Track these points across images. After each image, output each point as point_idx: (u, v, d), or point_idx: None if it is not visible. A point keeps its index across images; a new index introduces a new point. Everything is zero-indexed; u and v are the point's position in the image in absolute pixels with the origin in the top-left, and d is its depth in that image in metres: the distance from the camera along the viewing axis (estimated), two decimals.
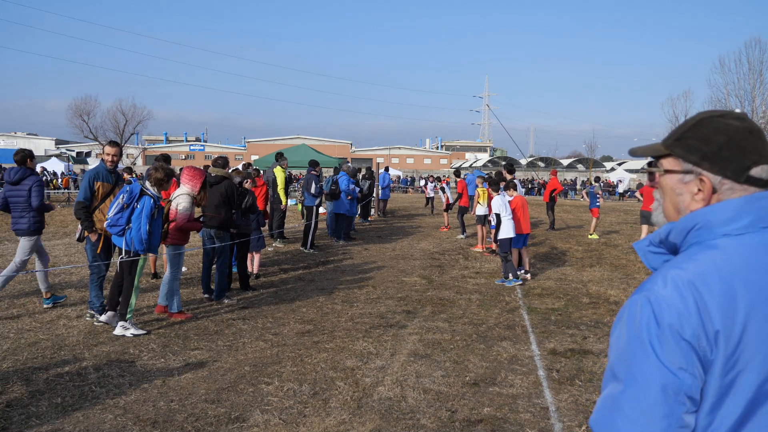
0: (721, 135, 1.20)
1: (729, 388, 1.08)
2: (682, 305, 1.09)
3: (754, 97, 32.48)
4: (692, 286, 1.10)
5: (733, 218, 1.15)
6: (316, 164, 12.63)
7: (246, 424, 4.05)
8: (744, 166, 1.17)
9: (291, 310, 7.20)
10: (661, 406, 1.06)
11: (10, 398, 4.38)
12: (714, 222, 1.16)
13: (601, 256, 12.30)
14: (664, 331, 1.08)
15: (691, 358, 1.07)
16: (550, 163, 71.00)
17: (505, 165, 12.33)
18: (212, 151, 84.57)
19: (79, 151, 63.40)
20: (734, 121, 1.21)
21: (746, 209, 1.15)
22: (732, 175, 1.18)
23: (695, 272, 1.12)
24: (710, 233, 1.17)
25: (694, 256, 1.15)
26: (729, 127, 1.20)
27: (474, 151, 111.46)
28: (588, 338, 6.19)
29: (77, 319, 6.52)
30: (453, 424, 4.09)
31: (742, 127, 1.20)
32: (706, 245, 1.16)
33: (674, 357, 1.07)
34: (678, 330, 1.07)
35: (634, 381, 1.08)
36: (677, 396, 1.06)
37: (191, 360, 5.33)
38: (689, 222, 1.19)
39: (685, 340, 1.07)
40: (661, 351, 1.07)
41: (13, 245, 11.87)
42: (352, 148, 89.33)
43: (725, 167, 1.18)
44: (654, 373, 1.07)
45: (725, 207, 1.16)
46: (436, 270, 10.18)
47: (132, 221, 5.85)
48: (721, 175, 1.19)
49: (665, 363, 1.07)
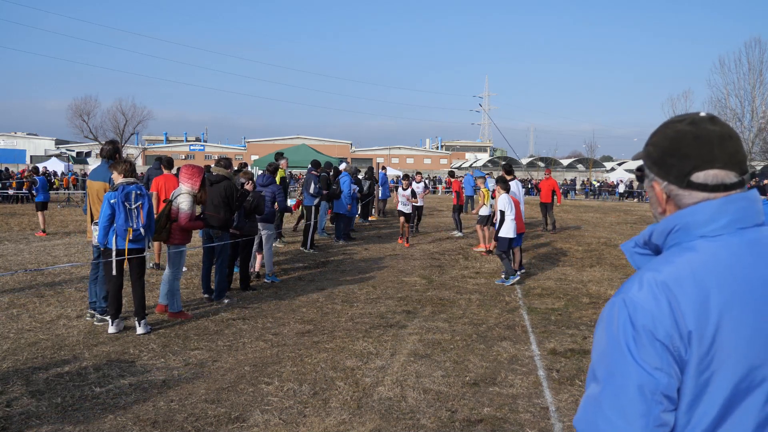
0: (666, 141, 1.23)
1: (705, 387, 1.10)
2: (655, 307, 1.11)
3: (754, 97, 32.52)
4: (666, 287, 1.12)
5: (710, 220, 1.17)
6: (318, 164, 12.63)
7: (246, 424, 4.05)
8: (683, 172, 1.20)
9: (291, 310, 7.20)
10: (638, 405, 1.09)
11: (10, 398, 4.38)
12: (692, 224, 1.18)
13: (601, 256, 12.30)
14: (639, 332, 1.11)
15: (666, 357, 1.10)
16: (550, 163, 70.99)
17: (503, 166, 12.35)
18: (212, 151, 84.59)
19: (79, 151, 63.37)
20: (686, 126, 1.22)
21: (723, 211, 1.17)
22: (674, 180, 1.21)
23: (670, 274, 1.14)
24: (688, 235, 1.18)
25: (671, 258, 1.18)
26: (677, 132, 1.22)
27: (474, 151, 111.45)
28: (588, 338, 6.19)
29: (77, 319, 6.52)
30: (453, 424, 4.09)
31: (689, 132, 1.20)
32: (684, 247, 1.18)
33: (649, 357, 1.09)
34: (652, 331, 1.10)
35: (612, 381, 1.11)
36: (654, 395, 1.08)
37: (191, 360, 5.33)
38: (668, 224, 1.21)
39: (659, 340, 1.10)
40: (637, 352, 1.10)
41: (13, 245, 11.88)
42: (352, 148, 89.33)
43: (668, 173, 1.22)
44: (631, 374, 1.10)
45: (702, 209, 1.18)
46: (436, 270, 10.18)
47: (149, 218, 6.03)
48: (666, 180, 1.23)
49: (641, 363, 1.09)
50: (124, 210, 5.83)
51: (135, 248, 6.00)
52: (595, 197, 46.38)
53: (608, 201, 42.25)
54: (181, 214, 6.57)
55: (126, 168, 6.03)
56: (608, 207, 31.88)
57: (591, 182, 50.54)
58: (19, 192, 25.95)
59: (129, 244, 5.91)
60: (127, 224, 5.84)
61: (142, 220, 5.90)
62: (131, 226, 5.86)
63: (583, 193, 47.39)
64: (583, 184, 50.23)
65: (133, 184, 5.96)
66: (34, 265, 9.61)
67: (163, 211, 6.60)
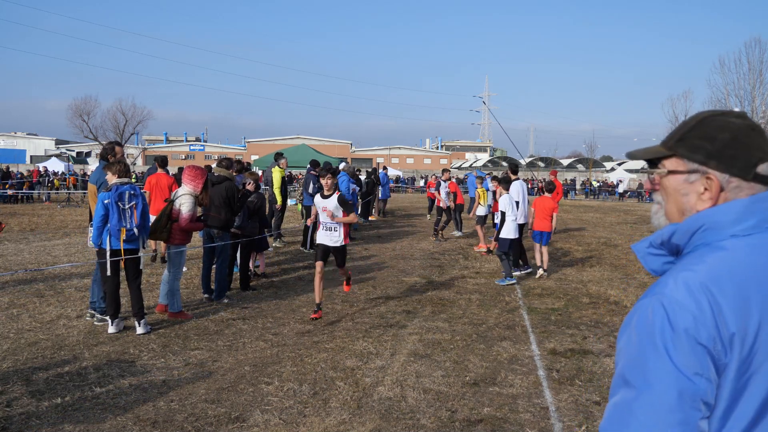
0: (725, 132, 1.18)
1: (742, 392, 1.07)
2: (696, 308, 1.06)
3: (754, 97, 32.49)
4: (705, 288, 1.08)
5: (740, 219, 1.14)
6: (317, 164, 12.64)
7: (246, 424, 4.05)
8: (751, 163, 1.16)
9: (291, 310, 7.20)
10: (677, 413, 1.03)
11: (10, 398, 4.38)
12: (722, 223, 1.14)
13: (601, 256, 12.30)
14: (679, 335, 1.05)
15: (706, 362, 1.04)
16: (550, 163, 71.00)
17: (509, 165, 12.36)
18: (212, 151, 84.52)
19: (79, 151, 63.42)
20: (736, 119, 1.20)
21: (752, 210, 1.14)
22: (739, 172, 1.17)
23: (707, 274, 1.09)
24: (718, 234, 1.15)
25: (703, 258, 1.13)
26: (732, 124, 1.19)
27: (474, 151, 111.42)
28: (588, 338, 6.19)
29: (77, 319, 6.52)
30: (453, 424, 4.09)
31: (744, 124, 1.19)
32: (714, 246, 1.14)
33: (690, 362, 1.04)
34: (693, 334, 1.05)
35: (649, 387, 1.05)
36: (693, 402, 1.03)
37: (191, 360, 5.33)
38: (695, 223, 1.17)
39: (701, 344, 1.04)
40: (677, 356, 1.04)
41: (13, 245, 11.88)
42: (352, 148, 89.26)
43: (732, 165, 1.17)
44: (670, 379, 1.04)
45: (731, 208, 1.15)
46: (436, 270, 10.18)
47: (143, 218, 6.02)
48: (728, 173, 1.17)
49: (681, 368, 1.04)
50: (117, 210, 5.83)
51: (130, 249, 6.00)
52: (595, 197, 46.39)
53: (608, 201, 42.27)
54: (182, 215, 6.57)
55: (120, 169, 6.03)
56: (608, 207, 31.88)
57: (591, 182, 50.53)
58: (18, 192, 25.95)
59: (124, 245, 5.91)
60: (120, 224, 5.85)
61: (135, 220, 5.89)
62: (124, 226, 5.86)
63: (583, 194, 47.40)
64: (583, 184, 50.21)
65: (127, 184, 5.95)
66: (34, 265, 9.60)
67: (163, 210, 6.60)
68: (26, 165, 51.13)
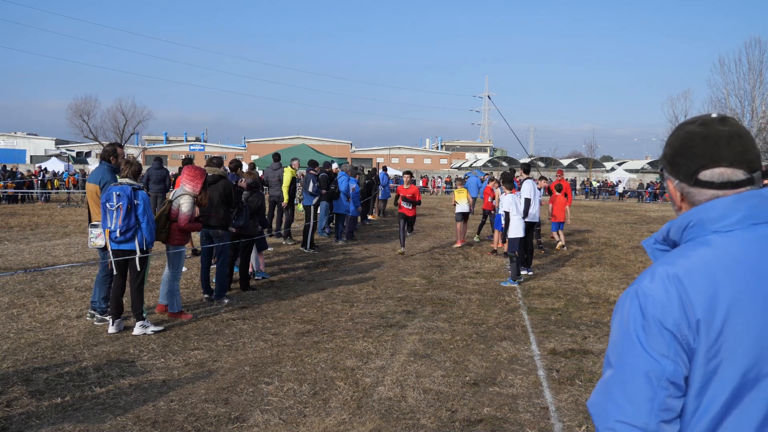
0: (677, 141, 1.31)
1: (713, 375, 1.16)
2: (665, 297, 1.18)
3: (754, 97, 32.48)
4: (677, 279, 1.19)
5: (723, 216, 1.23)
6: (315, 164, 12.65)
7: (246, 424, 4.05)
8: (691, 170, 1.27)
9: (291, 310, 7.20)
10: (644, 390, 1.15)
11: (10, 398, 4.38)
12: (705, 220, 1.24)
13: (601, 256, 12.31)
14: (648, 321, 1.18)
15: (674, 346, 1.16)
16: (550, 163, 70.95)
17: (522, 165, 12.37)
18: (212, 151, 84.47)
19: (79, 151, 63.34)
20: (696, 127, 1.29)
21: (735, 207, 1.23)
22: (684, 178, 1.30)
23: (683, 267, 1.21)
24: (702, 230, 1.25)
25: (685, 252, 1.24)
26: (687, 133, 1.30)
27: (474, 151, 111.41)
28: (588, 338, 6.19)
29: (77, 319, 6.52)
30: (453, 424, 4.09)
31: (698, 132, 1.28)
32: (698, 242, 1.25)
33: (657, 345, 1.16)
34: (660, 320, 1.17)
35: (622, 367, 1.19)
36: (659, 381, 1.15)
37: (191, 360, 5.33)
38: (684, 220, 1.28)
39: (667, 329, 1.16)
40: (646, 340, 1.17)
41: (13, 245, 11.88)
42: (352, 148, 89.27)
43: (678, 171, 1.31)
44: (639, 360, 1.17)
45: (715, 205, 1.24)
46: (436, 270, 10.18)
47: (140, 219, 5.93)
48: (677, 179, 1.31)
49: (649, 351, 1.16)
50: (104, 211, 5.85)
51: (126, 249, 5.98)
52: (595, 197, 46.38)
53: (608, 201, 42.26)
54: (181, 216, 6.56)
55: (132, 170, 6.05)
56: (608, 207, 31.89)
57: (591, 182, 50.51)
58: (18, 191, 25.95)
59: (116, 245, 5.90)
60: (105, 224, 5.85)
61: (119, 222, 5.81)
62: (108, 227, 5.85)
63: (583, 193, 47.38)
64: (583, 184, 50.19)
65: (119, 185, 5.93)
66: (34, 265, 9.60)
67: (162, 211, 6.60)
68: (26, 165, 51.10)
